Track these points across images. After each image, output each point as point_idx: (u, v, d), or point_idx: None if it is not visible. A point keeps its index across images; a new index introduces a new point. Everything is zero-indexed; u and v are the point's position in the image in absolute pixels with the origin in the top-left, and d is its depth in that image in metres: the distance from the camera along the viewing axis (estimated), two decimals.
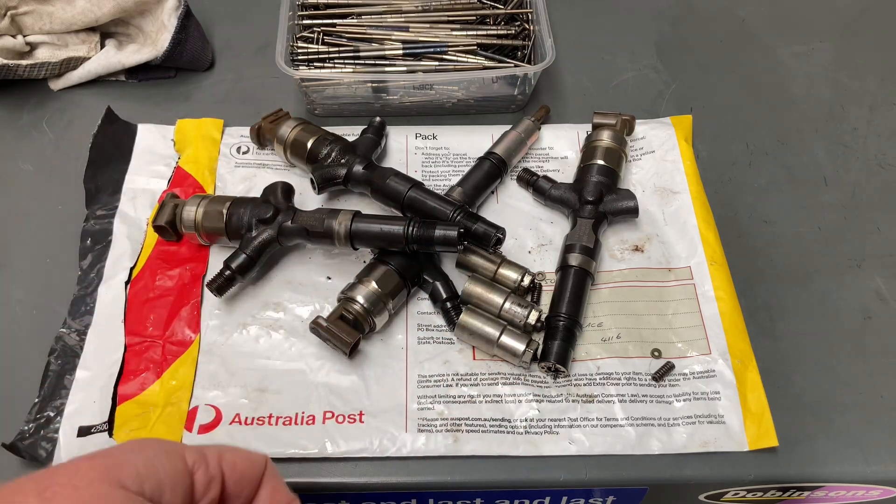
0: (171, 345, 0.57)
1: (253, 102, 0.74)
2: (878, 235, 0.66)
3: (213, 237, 0.60)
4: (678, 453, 0.53)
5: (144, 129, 0.70)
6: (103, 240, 0.62)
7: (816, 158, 0.71)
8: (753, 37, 0.83)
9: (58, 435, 0.52)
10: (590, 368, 0.56)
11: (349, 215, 0.57)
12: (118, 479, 0.31)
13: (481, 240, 0.57)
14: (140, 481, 0.32)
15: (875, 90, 0.78)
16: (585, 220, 0.61)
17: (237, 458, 0.37)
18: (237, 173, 0.67)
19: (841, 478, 0.54)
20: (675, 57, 0.80)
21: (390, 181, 0.61)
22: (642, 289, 0.60)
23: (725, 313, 0.58)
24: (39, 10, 0.72)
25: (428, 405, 0.54)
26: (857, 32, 0.83)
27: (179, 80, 0.76)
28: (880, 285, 0.63)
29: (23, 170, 0.69)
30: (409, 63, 0.71)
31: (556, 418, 0.54)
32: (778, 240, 0.65)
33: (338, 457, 0.52)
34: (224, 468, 0.36)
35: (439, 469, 0.52)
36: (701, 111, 0.74)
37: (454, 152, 0.69)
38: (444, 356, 0.57)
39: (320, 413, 0.54)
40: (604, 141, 0.65)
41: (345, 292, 0.56)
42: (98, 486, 0.31)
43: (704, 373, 0.56)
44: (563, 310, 0.56)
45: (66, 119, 0.72)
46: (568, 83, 0.77)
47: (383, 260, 0.58)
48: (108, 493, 0.31)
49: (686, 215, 0.64)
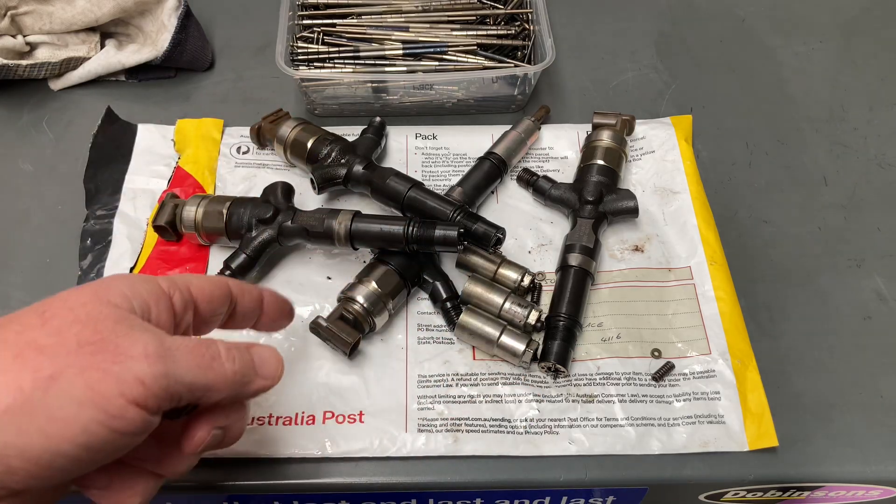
0: None
1: (253, 102, 0.74)
2: (878, 235, 0.66)
3: (213, 237, 0.60)
4: (678, 453, 0.53)
5: (144, 129, 0.70)
6: (103, 240, 0.62)
7: (816, 158, 0.71)
8: (753, 37, 0.83)
9: None
10: (590, 368, 0.56)
11: (349, 215, 0.57)
12: (107, 298, 0.35)
13: (481, 240, 0.57)
14: (127, 300, 0.35)
15: (875, 90, 0.78)
16: (585, 220, 0.61)
17: (203, 282, 0.40)
18: (237, 173, 0.67)
19: (841, 478, 0.54)
20: (675, 57, 0.80)
21: (390, 181, 0.61)
22: (642, 289, 0.60)
23: (725, 313, 0.58)
24: (39, 10, 0.72)
25: (428, 405, 0.54)
26: (857, 32, 0.83)
27: (179, 80, 0.76)
28: (880, 285, 0.63)
29: (23, 170, 0.69)
30: (409, 63, 0.71)
31: (556, 418, 0.54)
32: (778, 240, 0.65)
33: (338, 457, 0.52)
34: (194, 293, 0.39)
35: (439, 469, 0.52)
36: (701, 111, 0.74)
37: (454, 152, 0.69)
38: (444, 356, 0.57)
39: (320, 413, 0.54)
40: (604, 141, 0.65)
41: (345, 292, 0.56)
42: (90, 305, 0.34)
43: (704, 373, 0.56)
44: (563, 310, 0.56)
45: (66, 119, 0.72)
46: (568, 83, 0.77)
47: (383, 260, 0.58)
48: (99, 311, 0.34)
49: (686, 215, 0.64)
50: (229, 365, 0.37)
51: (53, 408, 0.31)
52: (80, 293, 0.35)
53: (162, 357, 0.34)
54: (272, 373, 0.40)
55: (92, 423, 0.31)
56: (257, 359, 0.39)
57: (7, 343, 0.33)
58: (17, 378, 0.31)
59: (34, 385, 0.31)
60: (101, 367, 0.32)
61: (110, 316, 0.34)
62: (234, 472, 0.52)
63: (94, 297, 0.35)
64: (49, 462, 0.31)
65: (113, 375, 0.32)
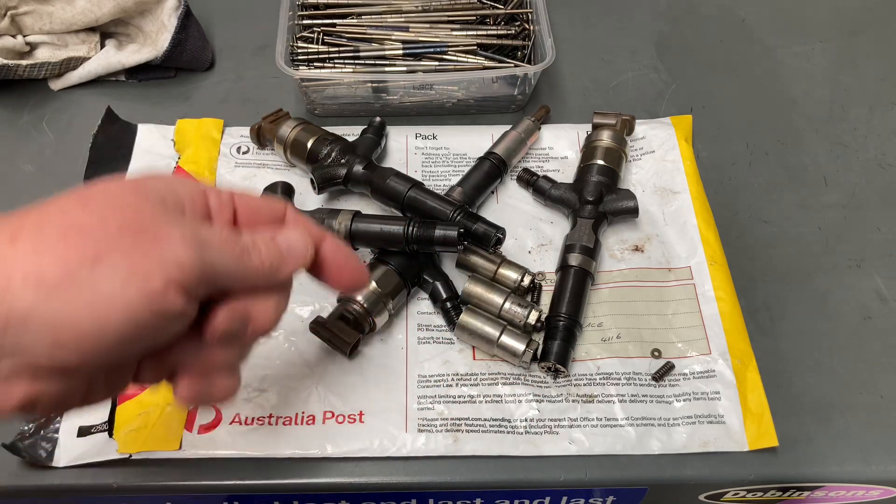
0: None
1: (253, 102, 0.74)
2: (878, 235, 0.66)
3: None
4: (678, 453, 0.53)
5: (144, 129, 0.70)
6: None
7: (816, 158, 0.71)
8: (753, 37, 0.83)
9: (58, 435, 0.52)
10: (590, 368, 0.56)
11: (349, 215, 0.57)
12: (145, 190, 0.36)
13: (481, 240, 0.57)
14: (162, 196, 0.36)
15: (875, 90, 0.78)
16: (585, 220, 0.61)
17: (249, 195, 0.41)
18: (237, 173, 0.67)
19: (841, 478, 0.54)
20: (675, 57, 0.80)
21: (390, 181, 0.61)
22: (642, 289, 0.60)
23: (725, 313, 0.58)
24: (39, 10, 0.72)
25: (428, 405, 0.54)
26: (857, 32, 0.83)
27: (179, 80, 0.76)
28: (880, 285, 0.63)
29: (23, 170, 0.69)
30: (409, 63, 0.71)
31: (556, 418, 0.54)
32: (778, 240, 0.65)
33: (338, 457, 0.52)
34: (236, 200, 0.40)
35: (439, 469, 0.52)
36: (701, 111, 0.74)
37: (454, 152, 0.69)
38: (444, 356, 0.57)
39: (320, 413, 0.54)
40: (604, 141, 0.65)
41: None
42: (130, 195, 0.36)
43: (704, 373, 0.56)
44: (563, 310, 0.56)
45: (66, 119, 0.72)
46: (568, 83, 0.77)
47: (383, 260, 0.58)
48: (138, 200, 0.35)
49: (686, 215, 0.64)
50: (257, 256, 0.38)
51: (99, 284, 0.32)
52: (120, 184, 0.37)
53: (198, 244, 0.35)
54: (301, 254, 0.40)
55: (135, 302, 0.32)
56: (284, 245, 0.40)
57: (52, 223, 0.34)
58: (64, 255, 0.32)
59: (80, 263, 0.32)
60: (142, 250, 0.33)
61: (148, 205, 0.35)
62: (234, 472, 0.52)
63: (133, 187, 0.36)
64: (97, 337, 0.32)
65: (154, 258, 0.33)
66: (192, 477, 0.52)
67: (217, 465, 0.52)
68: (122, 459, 0.51)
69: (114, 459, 0.51)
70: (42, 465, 0.51)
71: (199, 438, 0.52)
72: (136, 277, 0.33)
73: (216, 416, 0.53)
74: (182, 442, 0.52)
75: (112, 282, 0.32)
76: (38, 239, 0.33)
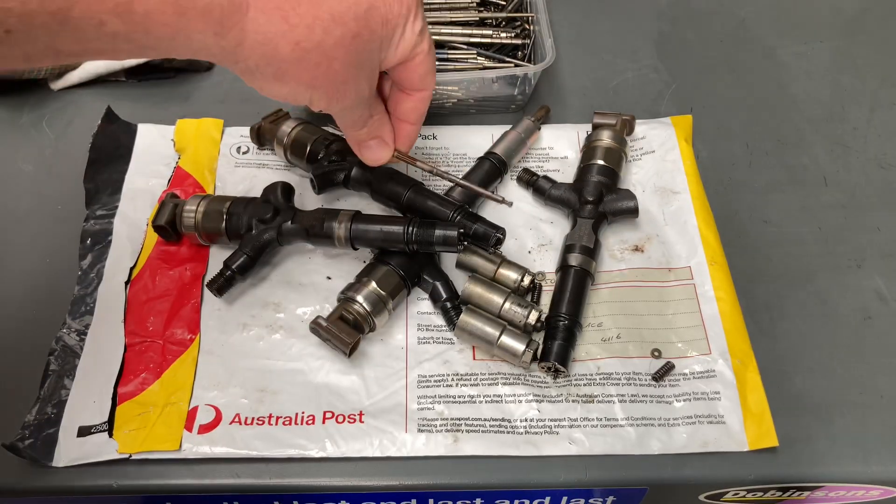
0: (171, 345, 0.57)
1: (253, 102, 0.74)
2: (878, 235, 0.66)
3: (213, 237, 0.60)
4: (678, 453, 0.53)
5: (144, 129, 0.70)
6: (103, 240, 0.62)
7: (816, 158, 0.71)
8: (753, 37, 0.83)
9: (58, 435, 0.52)
10: (590, 368, 0.56)
11: (349, 215, 0.57)
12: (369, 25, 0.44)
13: (481, 240, 0.57)
14: (380, 37, 0.45)
15: (875, 90, 0.78)
16: (585, 220, 0.61)
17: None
18: (237, 173, 0.67)
19: (841, 478, 0.54)
20: (675, 57, 0.80)
21: (390, 181, 0.61)
22: (642, 289, 0.60)
23: (725, 313, 0.58)
24: None
25: (428, 405, 0.54)
26: (857, 32, 0.83)
27: (179, 80, 0.76)
28: (880, 285, 0.63)
29: (23, 170, 0.69)
30: None
31: (556, 418, 0.54)
32: (778, 240, 0.65)
33: (338, 457, 0.52)
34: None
35: (439, 469, 0.52)
36: (701, 111, 0.74)
37: (454, 152, 0.69)
38: (444, 356, 0.57)
39: (320, 413, 0.54)
40: (604, 141, 0.65)
41: (345, 292, 0.56)
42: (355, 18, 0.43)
43: (704, 373, 0.56)
44: (563, 310, 0.56)
45: (66, 119, 0.72)
46: (568, 83, 0.77)
47: (383, 260, 0.58)
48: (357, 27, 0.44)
49: (686, 215, 0.64)
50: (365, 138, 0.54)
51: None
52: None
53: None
54: (380, 159, 0.57)
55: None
56: (372, 150, 0.56)
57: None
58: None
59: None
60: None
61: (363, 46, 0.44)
62: (234, 472, 0.52)
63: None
64: (339, 15, 0.41)
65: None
66: (192, 477, 0.52)
67: (217, 465, 0.52)
68: (122, 459, 0.51)
69: (114, 459, 0.51)
70: (42, 465, 0.51)
71: (199, 438, 0.52)
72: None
73: (216, 416, 0.53)
74: (182, 442, 0.52)
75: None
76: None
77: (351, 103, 0.47)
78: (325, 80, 0.44)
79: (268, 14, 0.39)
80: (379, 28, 0.44)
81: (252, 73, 0.42)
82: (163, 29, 0.37)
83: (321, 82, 0.44)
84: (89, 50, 0.37)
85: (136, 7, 0.35)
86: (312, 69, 0.42)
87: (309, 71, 0.42)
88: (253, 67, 0.42)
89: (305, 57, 0.41)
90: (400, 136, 0.55)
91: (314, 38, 0.41)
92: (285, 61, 0.41)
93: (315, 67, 0.42)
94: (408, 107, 0.53)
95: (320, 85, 0.44)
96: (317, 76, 0.43)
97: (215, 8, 0.37)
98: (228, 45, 0.39)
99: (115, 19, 0.35)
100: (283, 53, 0.41)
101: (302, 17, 0.40)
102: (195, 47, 0.39)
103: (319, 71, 0.43)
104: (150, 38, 0.37)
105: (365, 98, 0.48)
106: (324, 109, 0.47)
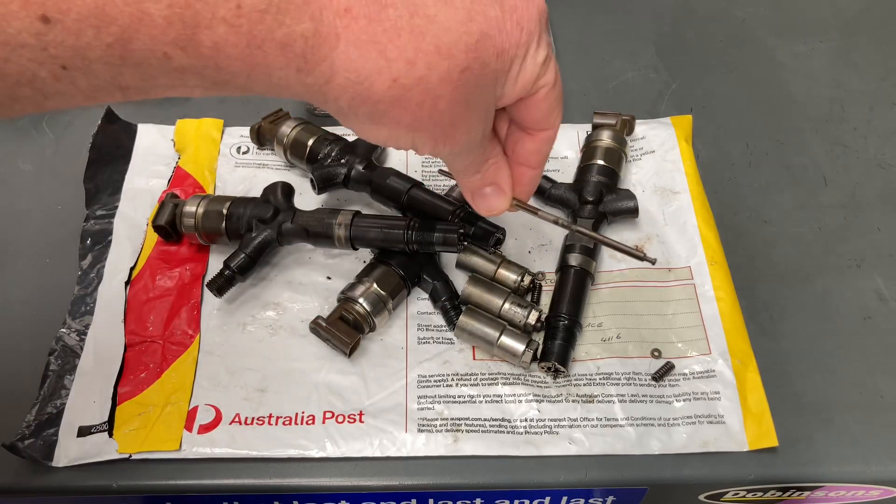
0: (171, 345, 0.57)
1: (253, 102, 0.74)
2: (878, 235, 0.66)
3: (213, 237, 0.60)
4: (678, 453, 0.53)
5: (144, 129, 0.70)
6: (103, 240, 0.62)
7: (816, 158, 0.71)
8: (753, 37, 0.83)
9: (58, 435, 0.52)
10: (590, 368, 0.56)
11: (349, 215, 0.57)
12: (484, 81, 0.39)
13: (481, 240, 0.57)
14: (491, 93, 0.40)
15: (875, 90, 0.78)
16: (585, 220, 0.61)
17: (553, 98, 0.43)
18: (237, 173, 0.67)
19: (841, 478, 0.54)
20: (675, 57, 0.80)
21: (390, 181, 0.61)
22: (642, 289, 0.60)
23: (725, 313, 0.58)
24: None
25: (428, 405, 0.54)
26: (857, 32, 0.83)
27: None
28: (880, 285, 0.63)
29: (23, 170, 0.69)
30: None
31: (556, 418, 0.54)
32: (778, 240, 0.65)
33: (338, 457, 0.52)
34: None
35: (439, 469, 0.52)
36: (701, 111, 0.74)
37: None
38: (444, 356, 0.57)
39: (320, 413, 0.54)
40: (604, 141, 0.65)
41: (345, 292, 0.56)
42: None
43: (704, 373, 0.56)
44: (563, 310, 0.56)
45: (66, 119, 0.72)
46: (568, 83, 0.77)
47: (383, 260, 0.58)
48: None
49: (686, 215, 0.64)
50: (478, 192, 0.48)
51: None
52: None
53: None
54: (495, 210, 0.49)
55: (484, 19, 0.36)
56: (488, 204, 0.48)
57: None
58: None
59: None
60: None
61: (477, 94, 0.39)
62: (234, 472, 0.52)
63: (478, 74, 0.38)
64: (446, 47, 0.35)
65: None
66: (192, 477, 0.52)
67: (217, 465, 0.52)
68: (122, 459, 0.51)
69: (114, 459, 0.51)
70: (42, 465, 0.51)
71: (199, 438, 0.52)
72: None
73: (216, 416, 0.53)
74: (182, 442, 0.52)
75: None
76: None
77: (461, 148, 0.41)
78: (430, 122, 0.38)
79: (361, 48, 0.34)
80: (493, 60, 0.37)
81: (345, 114, 0.37)
82: (236, 64, 0.32)
83: (425, 124, 0.38)
84: (158, 86, 0.33)
85: (202, 39, 0.31)
86: (414, 110, 0.37)
87: (410, 112, 0.37)
88: (346, 108, 0.36)
89: (405, 95, 0.36)
90: (520, 182, 0.47)
91: (415, 74, 0.35)
92: (382, 101, 0.36)
93: (417, 108, 0.37)
94: (529, 149, 0.46)
95: (424, 127, 0.38)
96: (419, 118, 0.37)
97: (297, 40, 0.32)
98: (315, 83, 0.34)
99: (179, 52, 0.31)
100: (379, 93, 0.35)
101: (402, 51, 0.34)
102: (276, 84, 0.34)
103: (422, 112, 0.37)
104: (222, 74, 0.33)
105: (478, 141, 0.42)
106: (431, 154, 0.42)
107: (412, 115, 0.37)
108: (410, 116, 0.37)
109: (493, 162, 0.46)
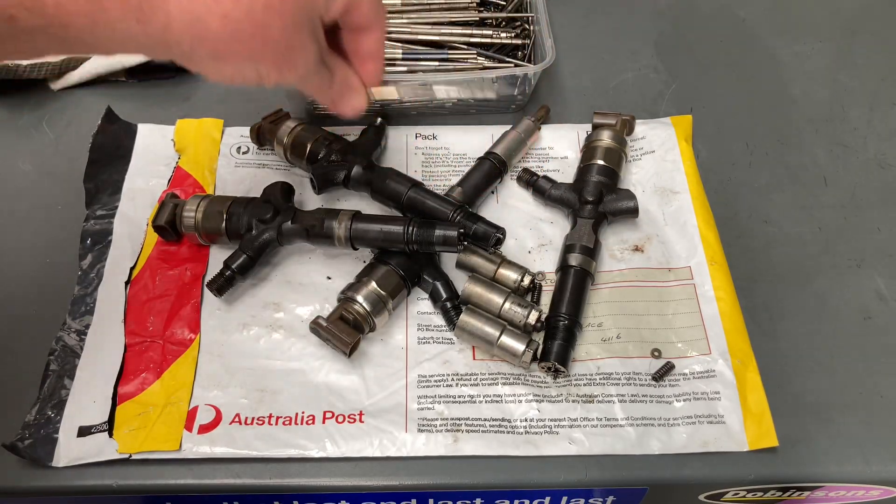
0: (171, 345, 0.57)
1: (253, 102, 0.74)
2: (878, 235, 0.66)
3: (213, 237, 0.60)
4: (678, 453, 0.53)
5: (144, 129, 0.70)
6: (103, 240, 0.62)
7: (816, 158, 0.71)
8: (753, 37, 0.83)
9: (58, 435, 0.52)
10: (590, 368, 0.56)
11: (349, 215, 0.57)
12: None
13: (481, 240, 0.57)
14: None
15: (875, 90, 0.78)
16: (585, 220, 0.61)
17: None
18: (237, 173, 0.67)
19: (841, 478, 0.54)
20: (675, 57, 0.80)
21: (390, 181, 0.61)
22: (642, 289, 0.60)
23: (725, 313, 0.58)
24: None
25: (428, 405, 0.54)
26: (857, 32, 0.83)
27: (179, 80, 0.76)
28: (880, 285, 0.63)
29: (23, 170, 0.69)
30: (409, 63, 0.71)
31: (556, 418, 0.54)
32: (778, 240, 0.65)
33: (338, 457, 0.52)
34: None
35: (439, 469, 0.52)
36: (701, 111, 0.74)
37: (454, 152, 0.69)
38: (444, 356, 0.57)
39: (320, 413, 0.54)
40: (604, 141, 0.65)
41: (345, 292, 0.56)
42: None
43: (704, 373, 0.56)
44: (563, 310, 0.56)
45: (66, 119, 0.72)
46: (568, 83, 0.77)
47: (383, 260, 0.58)
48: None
49: (686, 215, 0.64)
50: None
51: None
52: None
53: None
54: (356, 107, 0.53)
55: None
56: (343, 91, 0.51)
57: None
58: None
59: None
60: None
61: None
62: (234, 472, 0.52)
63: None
64: None
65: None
66: (191, 477, 0.52)
67: (217, 465, 0.52)
68: (122, 459, 0.51)
69: (114, 459, 0.51)
70: (42, 465, 0.51)
71: (199, 438, 0.52)
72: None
73: (216, 416, 0.53)
74: (182, 442, 0.52)
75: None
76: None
77: (304, 70, 0.44)
78: (267, 51, 0.41)
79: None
80: None
81: (189, 57, 0.40)
82: (79, 20, 0.35)
83: (263, 53, 0.41)
84: (9, 50, 0.35)
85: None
86: (249, 41, 0.40)
87: (246, 44, 0.40)
88: (188, 51, 0.39)
89: (238, 28, 0.39)
90: (367, 75, 0.51)
91: (242, 8, 0.38)
92: (220, 39, 0.39)
93: (251, 39, 0.40)
94: (366, 48, 0.49)
95: (263, 57, 0.41)
96: (255, 48, 0.40)
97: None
98: (155, 32, 0.37)
99: (24, 13, 0.33)
100: (215, 30, 0.38)
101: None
102: (121, 38, 0.37)
103: (257, 42, 0.40)
104: (69, 32, 0.35)
105: (318, 60, 0.45)
106: (280, 82, 0.44)
107: (248, 46, 0.40)
108: (247, 48, 0.40)
109: (341, 73, 0.49)
